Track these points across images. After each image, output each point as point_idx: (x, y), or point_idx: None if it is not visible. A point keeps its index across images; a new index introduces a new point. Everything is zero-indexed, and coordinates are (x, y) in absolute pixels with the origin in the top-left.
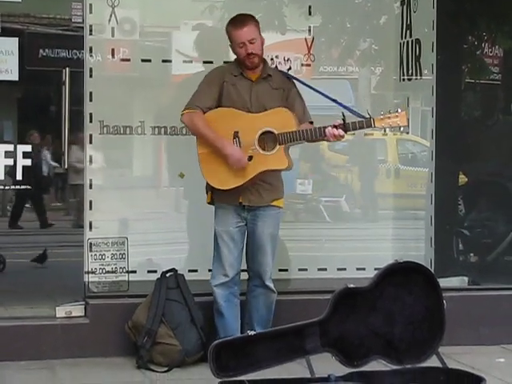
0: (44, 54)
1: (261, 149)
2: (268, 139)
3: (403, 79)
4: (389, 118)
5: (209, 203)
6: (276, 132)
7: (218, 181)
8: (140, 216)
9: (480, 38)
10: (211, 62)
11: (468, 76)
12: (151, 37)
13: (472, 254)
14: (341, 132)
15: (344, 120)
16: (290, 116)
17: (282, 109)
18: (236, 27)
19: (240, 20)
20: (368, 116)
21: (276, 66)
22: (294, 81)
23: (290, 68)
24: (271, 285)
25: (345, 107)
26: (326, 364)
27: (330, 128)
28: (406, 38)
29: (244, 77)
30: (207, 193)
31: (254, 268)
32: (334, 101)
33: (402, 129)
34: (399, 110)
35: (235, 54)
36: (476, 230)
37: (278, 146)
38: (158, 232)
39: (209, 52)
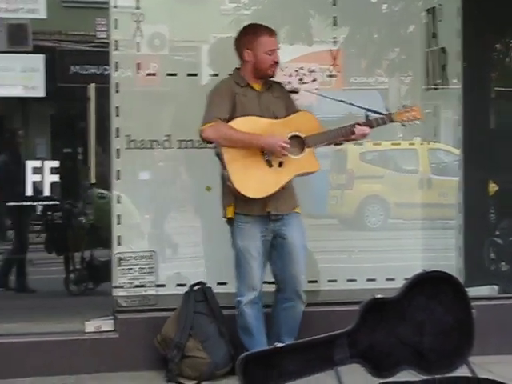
0: (74, 70)
1: (289, 153)
2: (295, 143)
3: (430, 88)
4: (406, 111)
5: (229, 218)
6: (303, 135)
7: (253, 190)
8: (168, 229)
9: (508, 45)
10: None
11: (496, 84)
12: (176, 51)
13: (503, 263)
14: (366, 129)
15: (368, 117)
16: (313, 118)
17: (304, 112)
18: (268, 33)
19: (269, 28)
20: (387, 112)
21: (301, 78)
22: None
23: (314, 79)
24: (304, 295)
25: (360, 107)
26: (355, 375)
27: (357, 126)
28: (431, 46)
29: (250, 87)
30: (227, 207)
31: (286, 279)
32: (352, 104)
33: (417, 122)
34: (410, 105)
35: (257, 61)
36: (508, 239)
37: (306, 149)
38: (186, 245)
39: (233, 65)
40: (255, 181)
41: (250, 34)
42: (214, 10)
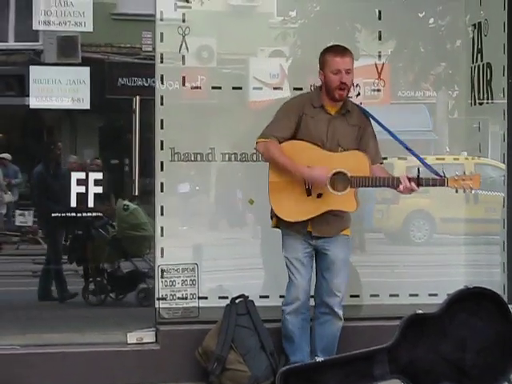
0: (121, 82)
1: (331, 188)
2: (339, 179)
3: (475, 103)
4: (463, 179)
5: (273, 227)
6: (349, 174)
7: (285, 212)
8: (211, 242)
9: None
10: (280, 89)
11: None
12: (222, 64)
13: None
14: (414, 186)
15: (419, 175)
16: (365, 161)
17: (358, 152)
18: (336, 54)
19: (341, 48)
20: (442, 175)
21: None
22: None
23: (359, 94)
24: (340, 312)
25: (421, 161)
26: None
27: (403, 180)
28: (477, 62)
29: (324, 109)
30: (272, 218)
31: (323, 294)
32: (411, 151)
33: (473, 191)
34: (472, 173)
35: (326, 81)
36: None
37: (349, 188)
38: (228, 258)
39: (280, 79)
40: (290, 205)
41: (321, 54)
42: (261, 23)
